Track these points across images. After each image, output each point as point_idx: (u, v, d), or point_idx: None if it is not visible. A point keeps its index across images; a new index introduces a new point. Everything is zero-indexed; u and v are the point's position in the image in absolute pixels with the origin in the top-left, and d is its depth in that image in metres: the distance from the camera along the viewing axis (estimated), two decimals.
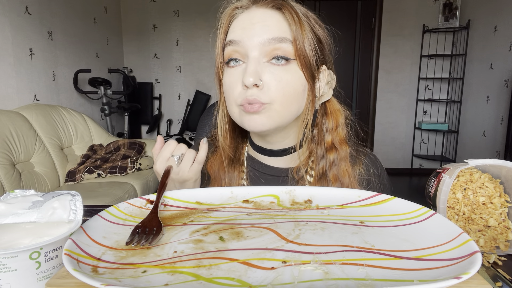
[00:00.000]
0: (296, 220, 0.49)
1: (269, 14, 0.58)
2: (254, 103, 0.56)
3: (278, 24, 0.57)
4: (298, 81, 0.59)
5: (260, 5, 0.58)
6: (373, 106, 4.17)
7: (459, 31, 3.82)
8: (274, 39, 0.56)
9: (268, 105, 0.57)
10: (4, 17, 2.26)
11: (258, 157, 0.70)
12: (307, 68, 0.59)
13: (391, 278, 0.35)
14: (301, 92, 0.60)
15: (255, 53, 0.57)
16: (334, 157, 0.65)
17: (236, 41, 0.58)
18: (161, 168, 0.60)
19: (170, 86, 4.18)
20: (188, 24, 4.02)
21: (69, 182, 2.39)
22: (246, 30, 0.57)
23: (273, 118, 0.58)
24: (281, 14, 0.58)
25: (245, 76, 0.55)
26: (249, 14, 0.58)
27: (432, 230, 0.43)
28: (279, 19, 0.57)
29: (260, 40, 0.56)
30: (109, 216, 0.49)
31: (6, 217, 0.42)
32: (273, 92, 0.57)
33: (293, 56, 0.57)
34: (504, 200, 0.57)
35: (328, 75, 0.65)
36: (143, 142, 2.90)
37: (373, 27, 4.06)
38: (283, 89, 0.57)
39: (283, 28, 0.57)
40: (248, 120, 0.59)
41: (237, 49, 0.58)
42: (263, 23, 0.57)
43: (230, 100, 0.60)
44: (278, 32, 0.56)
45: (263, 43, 0.56)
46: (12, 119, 2.11)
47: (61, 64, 2.88)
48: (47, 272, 0.39)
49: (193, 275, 0.36)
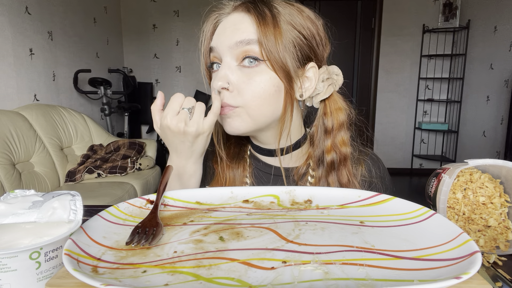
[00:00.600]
0: (296, 220, 0.49)
1: (241, 18, 0.58)
2: (225, 107, 0.58)
3: (247, 27, 0.57)
4: (269, 82, 0.58)
5: (238, 10, 0.60)
6: (373, 106, 4.17)
7: (459, 31, 3.82)
8: (241, 42, 0.57)
9: (240, 109, 0.58)
10: (4, 17, 2.26)
11: (259, 156, 0.71)
12: (280, 68, 0.57)
13: (391, 278, 0.35)
14: (273, 93, 0.58)
15: (227, 58, 0.59)
16: (333, 160, 0.64)
17: (213, 47, 0.60)
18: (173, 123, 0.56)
19: (170, 86, 4.18)
20: (188, 24, 4.02)
21: (69, 182, 2.39)
22: (220, 36, 0.59)
23: (246, 121, 0.59)
24: (249, 15, 0.58)
25: (213, 80, 0.58)
26: (227, 19, 0.60)
27: (432, 230, 0.43)
28: (248, 21, 0.58)
29: (228, 44, 0.58)
30: (109, 216, 0.49)
31: (6, 217, 0.42)
32: (243, 95, 0.58)
33: (260, 56, 0.57)
34: (504, 200, 0.57)
35: (324, 72, 0.63)
36: (143, 142, 2.90)
37: (373, 27, 4.06)
38: (252, 91, 0.57)
39: (251, 30, 0.57)
40: (224, 124, 0.61)
41: (215, 55, 0.61)
42: (234, 27, 0.58)
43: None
44: (245, 35, 0.57)
45: (232, 46, 0.58)
46: (12, 119, 2.11)
47: (61, 64, 2.88)
48: (47, 272, 0.39)
49: (193, 275, 0.36)
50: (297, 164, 0.68)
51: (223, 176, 0.70)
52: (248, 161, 0.71)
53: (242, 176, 0.69)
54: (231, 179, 0.69)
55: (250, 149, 0.73)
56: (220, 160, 0.69)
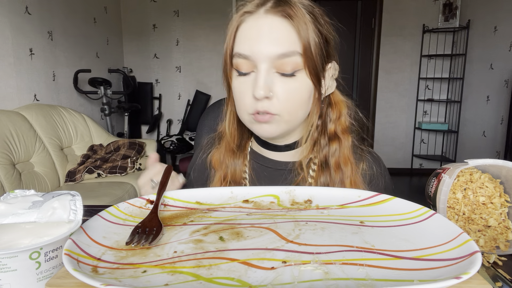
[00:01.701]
0: (296, 220, 0.49)
1: (277, 24, 0.56)
2: (265, 114, 0.59)
3: (287, 36, 0.56)
4: (305, 89, 0.60)
5: (273, 13, 0.57)
6: (373, 106, 4.17)
7: (459, 31, 3.81)
8: (283, 54, 0.56)
9: (277, 116, 0.59)
10: (4, 17, 2.26)
11: (262, 151, 0.71)
12: (315, 74, 0.59)
13: (391, 278, 0.35)
14: (307, 98, 0.61)
15: (265, 66, 0.57)
16: (336, 146, 0.66)
17: (245, 55, 0.58)
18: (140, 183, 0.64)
19: (170, 86, 4.18)
20: (188, 24, 4.02)
21: (69, 182, 2.39)
22: (254, 43, 0.57)
23: (282, 126, 0.61)
24: (289, 22, 0.56)
25: (256, 89, 0.56)
26: (257, 22, 0.57)
27: (432, 230, 0.43)
28: (288, 29, 0.56)
29: (269, 55, 0.56)
30: (109, 216, 0.49)
31: (6, 217, 0.42)
32: (281, 103, 0.58)
33: (302, 66, 0.58)
34: (504, 200, 0.57)
35: (332, 68, 0.65)
36: (143, 142, 2.90)
37: (373, 27, 4.06)
38: (291, 99, 0.59)
39: (292, 40, 0.56)
40: (258, 128, 0.62)
41: (246, 62, 0.58)
42: (271, 35, 0.56)
43: (241, 107, 0.62)
44: (287, 46, 0.56)
45: (272, 58, 0.56)
46: (12, 119, 2.11)
47: (61, 64, 2.88)
48: (47, 272, 0.39)
49: (193, 275, 0.36)
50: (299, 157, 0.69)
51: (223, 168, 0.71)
52: (248, 157, 0.72)
53: (241, 171, 0.70)
54: (232, 170, 0.70)
55: (250, 146, 0.73)
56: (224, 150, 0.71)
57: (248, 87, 0.59)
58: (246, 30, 0.58)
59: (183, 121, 4.12)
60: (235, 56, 0.59)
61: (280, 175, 0.69)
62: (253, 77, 0.58)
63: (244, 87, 0.59)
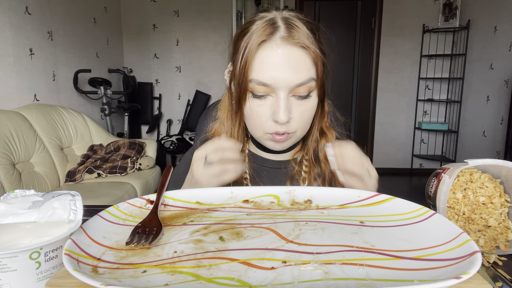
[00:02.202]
0: (296, 220, 0.49)
1: (295, 53, 0.60)
2: (284, 135, 0.64)
3: (304, 65, 0.61)
4: (315, 106, 0.66)
5: (285, 40, 0.60)
6: (373, 106, 4.17)
7: (459, 31, 3.81)
8: (303, 83, 0.61)
9: (293, 133, 0.65)
10: (4, 17, 2.26)
11: (259, 153, 0.76)
12: (322, 92, 0.65)
13: (391, 278, 0.35)
14: (314, 113, 0.67)
15: (284, 93, 0.61)
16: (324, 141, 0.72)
17: (265, 83, 0.61)
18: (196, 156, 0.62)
19: (170, 86, 4.18)
20: (188, 24, 4.02)
21: (69, 182, 2.39)
22: (274, 72, 0.60)
23: (293, 141, 0.68)
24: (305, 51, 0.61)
25: (279, 115, 0.60)
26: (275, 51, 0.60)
27: (432, 230, 0.43)
28: (304, 57, 0.61)
29: (288, 84, 0.60)
30: (109, 216, 0.49)
31: (6, 217, 0.42)
32: (298, 123, 0.64)
33: (315, 87, 0.63)
34: (504, 200, 0.57)
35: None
36: (143, 142, 2.90)
37: (373, 27, 4.06)
38: (305, 118, 0.65)
39: (308, 67, 0.61)
40: (273, 144, 0.67)
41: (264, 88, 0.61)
42: (290, 65, 0.60)
43: (257, 127, 0.65)
44: (305, 75, 0.61)
45: (292, 86, 0.60)
46: (12, 119, 2.11)
47: (61, 64, 2.88)
48: (47, 272, 0.39)
49: (193, 275, 0.36)
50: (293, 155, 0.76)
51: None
52: (246, 159, 0.76)
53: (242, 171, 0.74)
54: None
55: (248, 148, 0.77)
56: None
57: (266, 110, 0.63)
58: (264, 58, 0.61)
59: (183, 121, 4.12)
60: (254, 82, 0.62)
61: (278, 173, 0.74)
62: (271, 101, 0.62)
63: (262, 110, 0.63)
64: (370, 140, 4.23)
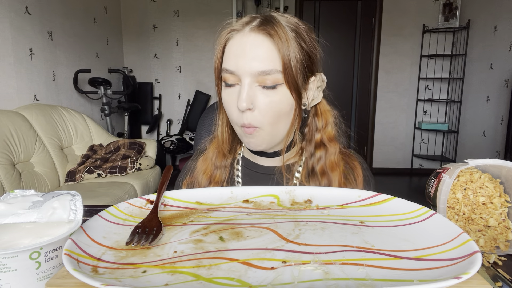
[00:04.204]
0: (296, 220, 0.49)
1: (260, 41, 0.60)
2: (249, 127, 0.63)
3: (268, 53, 0.60)
4: (286, 102, 0.63)
5: (253, 30, 0.61)
6: (373, 106, 4.17)
7: (459, 31, 3.81)
8: (263, 72, 0.60)
9: (261, 129, 0.63)
10: (4, 17, 2.26)
11: (252, 158, 0.75)
12: (295, 89, 0.63)
13: (391, 278, 0.35)
14: (288, 111, 0.64)
15: (247, 80, 0.61)
16: (321, 153, 0.70)
17: (231, 70, 0.62)
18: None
19: (170, 86, 4.18)
20: (188, 24, 4.02)
21: (69, 182, 2.39)
22: (239, 59, 0.61)
23: (265, 139, 0.65)
24: (270, 40, 0.60)
25: (239, 101, 0.60)
26: (242, 39, 0.61)
27: (432, 230, 0.43)
28: (270, 46, 0.60)
29: (251, 71, 0.60)
30: (109, 216, 0.49)
31: (6, 217, 0.42)
32: (264, 115, 0.62)
33: (282, 81, 0.61)
34: (504, 200, 0.57)
35: (318, 80, 0.68)
36: (143, 142, 2.90)
37: (373, 27, 4.06)
38: (272, 111, 0.62)
39: (273, 57, 0.60)
40: (247, 141, 0.66)
41: (231, 76, 0.62)
42: (253, 52, 0.60)
43: (231, 119, 0.66)
44: (268, 64, 0.60)
45: (254, 74, 0.60)
46: (12, 119, 2.11)
47: (61, 64, 2.88)
48: (47, 272, 0.39)
49: (193, 275, 0.36)
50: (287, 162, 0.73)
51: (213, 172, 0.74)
52: (240, 162, 0.76)
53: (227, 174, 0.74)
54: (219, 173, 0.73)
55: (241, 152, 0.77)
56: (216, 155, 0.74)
57: (233, 99, 0.63)
58: (232, 46, 0.62)
59: (183, 121, 4.12)
60: (223, 70, 0.63)
61: (268, 179, 0.72)
62: (238, 90, 0.62)
63: (231, 98, 0.63)
64: (370, 140, 4.23)
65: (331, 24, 4.23)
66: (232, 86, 0.63)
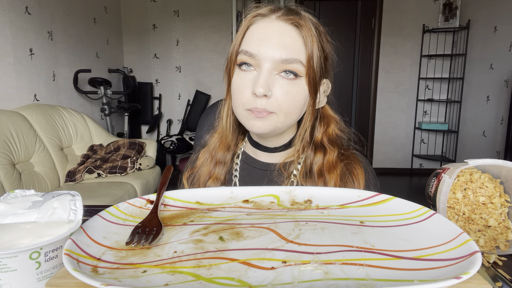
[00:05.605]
0: (296, 220, 0.49)
1: (287, 30, 0.60)
2: (262, 111, 0.61)
3: (293, 43, 0.60)
4: (302, 95, 0.63)
5: (283, 20, 0.61)
6: (373, 106, 4.17)
7: (459, 31, 3.81)
8: (287, 60, 0.59)
9: (274, 114, 0.62)
10: (4, 17, 2.26)
11: (252, 153, 0.75)
12: (313, 84, 0.63)
13: (391, 278, 0.35)
14: (303, 103, 0.65)
15: (268, 66, 0.60)
16: (320, 155, 0.70)
17: (252, 54, 0.61)
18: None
19: (170, 86, 4.18)
20: (188, 24, 4.02)
21: (69, 182, 2.39)
22: (263, 44, 0.60)
23: (275, 124, 0.63)
24: (298, 31, 0.60)
25: (257, 86, 0.59)
26: (268, 25, 0.61)
27: (432, 230, 0.43)
28: (296, 37, 0.60)
29: (273, 57, 0.59)
30: (109, 216, 0.49)
31: (6, 217, 0.42)
32: (280, 104, 0.61)
33: (302, 73, 0.61)
34: (504, 200, 0.57)
35: (326, 85, 0.69)
36: (143, 142, 2.90)
37: (373, 27, 4.06)
38: (288, 101, 0.62)
39: (298, 48, 0.60)
40: (252, 124, 0.63)
41: (250, 59, 0.61)
42: (279, 39, 0.60)
43: (238, 102, 0.64)
44: (292, 53, 0.60)
45: (276, 60, 0.60)
46: (12, 119, 2.11)
47: (61, 64, 2.88)
48: (47, 272, 0.39)
49: (193, 275, 0.36)
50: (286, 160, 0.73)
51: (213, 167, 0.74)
52: (240, 156, 0.75)
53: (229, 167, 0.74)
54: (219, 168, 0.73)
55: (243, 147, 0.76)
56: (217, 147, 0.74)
57: (248, 83, 0.61)
58: (256, 30, 0.62)
59: (183, 121, 4.12)
60: (241, 52, 0.62)
61: (265, 175, 0.72)
62: (254, 75, 0.61)
63: (244, 82, 0.62)
64: (370, 140, 4.22)
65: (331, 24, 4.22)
66: (248, 71, 0.62)
